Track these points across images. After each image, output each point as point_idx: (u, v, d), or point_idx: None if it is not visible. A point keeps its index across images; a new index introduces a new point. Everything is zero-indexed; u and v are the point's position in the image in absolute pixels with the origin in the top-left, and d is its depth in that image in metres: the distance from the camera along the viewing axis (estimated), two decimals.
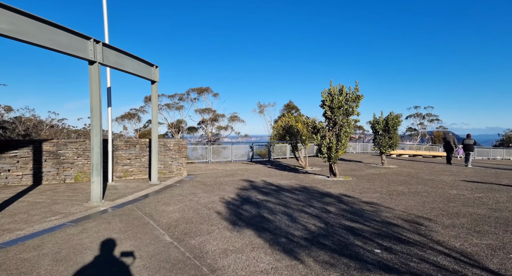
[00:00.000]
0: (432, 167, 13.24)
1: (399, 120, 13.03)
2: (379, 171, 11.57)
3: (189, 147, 14.81)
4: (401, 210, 5.44)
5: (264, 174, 10.63)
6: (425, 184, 8.26)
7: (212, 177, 9.78)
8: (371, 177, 9.81)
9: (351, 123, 9.06)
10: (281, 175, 10.24)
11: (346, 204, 5.90)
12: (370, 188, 7.71)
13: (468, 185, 8.13)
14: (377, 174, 10.50)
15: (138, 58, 7.65)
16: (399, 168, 12.48)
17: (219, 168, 12.63)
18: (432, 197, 6.51)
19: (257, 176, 10.13)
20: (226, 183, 8.64)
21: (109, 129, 8.30)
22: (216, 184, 8.48)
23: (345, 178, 9.36)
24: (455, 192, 7.09)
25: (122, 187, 7.90)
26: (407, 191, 7.28)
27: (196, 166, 13.28)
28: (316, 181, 8.96)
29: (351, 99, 9.01)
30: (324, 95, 9.13)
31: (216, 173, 10.82)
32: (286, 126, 12.54)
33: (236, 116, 39.89)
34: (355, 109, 8.94)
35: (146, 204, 6.05)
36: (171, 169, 9.86)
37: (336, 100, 8.86)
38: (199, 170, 11.74)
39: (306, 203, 6.07)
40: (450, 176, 10.15)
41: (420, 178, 9.61)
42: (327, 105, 9.02)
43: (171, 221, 4.83)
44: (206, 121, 38.95)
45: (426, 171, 11.65)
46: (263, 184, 8.36)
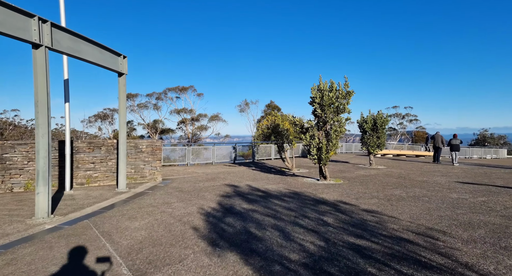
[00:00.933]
0: (420, 167, 12.95)
1: (387, 120, 12.62)
2: (368, 172, 11.04)
3: (167, 148, 13.64)
4: (407, 219, 4.75)
5: (248, 177, 9.75)
6: (421, 187, 7.73)
7: (191, 182, 8.77)
8: (362, 179, 9.20)
9: (342, 121, 8.39)
10: (267, 178, 9.40)
11: (344, 213, 5.15)
12: (365, 192, 7.04)
13: (465, 187, 7.68)
14: (368, 176, 9.93)
15: (101, 46, 6.52)
16: (388, 169, 12.04)
17: (199, 171, 11.60)
18: (435, 203, 5.91)
19: (241, 179, 9.23)
20: (206, 189, 7.67)
21: (66, 129, 7.08)
22: (194, 190, 7.50)
23: (336, 181, 8.68)
24: (455, 195, 6.56)
25: (82, 196, 6.72)
26: (406, 195, 6.68)
27: (173, 169, 12.16)
28: (306, 184, 8.20)
29: (342, 96, 8.34)
30: (313, 91, 8.40)
31: (195, 177, 9.80)
32: (272, 126, 11.73)
33: (217, 116, 38.73)
34: (346, 106, 8.28)
35: (107, 218, 4.98)
36: (143, 174, 8.74)
37: (326, 97, 8.15)
38: (176, 174, 10.65)
39: (299, 212, 5.25)
40: (442, 176, 9.77)
41: (413, 179, 9.13)
42: (317, 102, 8.30)
43: (135, 242, 3.83)
44: (186, 121, 37.48)
45: (416, 171, 11.27)
46: (249, 190, 7.48)
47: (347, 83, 8.34)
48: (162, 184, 8.41)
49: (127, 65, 7.45)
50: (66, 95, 7.08)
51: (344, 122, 8.43)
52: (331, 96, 8.15)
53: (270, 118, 11.75)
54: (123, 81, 7.37)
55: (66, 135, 6.99)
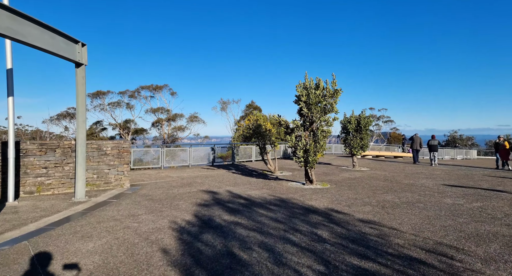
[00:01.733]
0: (403, 168, 12.84)
1: (370, 120, 12.37)
2: (353, 174, 10.66)
3: (138, 150, 12.47)
4: (410, 232, 4.22)
5: (228, 181, 8.96)
6: (411, 191, 7.37)
7: (164, 188, 7.82)
8: (349, 182, 8.74)
9: (329, 121, 7.87)
10: (249, 183, 8.66)
11: (339, 225, 4.53)
12: (356, 198, 6.52)
13: (455, 191, 7.43)
14: (354, 179, 9.51)
15: (53, 29, 5.46)
16: (372, 171, 11.77)
17: (174, 174, 10.62)
18: (432, 210, 5.49)
19: (220, 184, 8.42)
20: (181, 196, 6.78)
21: (9, 127, 5.88)
22: (167, 198, 6.59)
23: (323, 185, 8.13)
24: (449, 201, 6.21)
25: (28, 208, 5.59)
26: (398, 200, 6.23)
27: (145, 173, 11.06)
28: (291, 189, 7.57)
29: (329, 94, 7.81)
30: (299, 89, 7.79)
31: (169, 182, 8.84)
32: (253, 126, 11.02)
33: (196, 116, 37.41)
34: (334, 106, 7.76)
35: (54, 238, 4.00)
36: (107, 179, 7.66)
37: (313, 95, 7.58)
38: (147, 179, 9.61)
39: (288, 225, 4.57)
40: (427, 179, 9.57)
41: (400, 182, 8.81)
42: (303, 101, 7.70)
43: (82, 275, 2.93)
44: (161, 121, 35.79)
45: (400, 173, 11.06)
46: (229, 197, 6.70)
47: (335, 81, 7.83)
48: (130, 191, 7.40)
49: (87, 55, 6.40)
50: (9, 87, 5.89)
51: (331, 122, 7.91)
52: (318, 94, 7.58)
53: (251, 118, 11.03)
54: (81, 73, 6.31)
55: (9, 135, 5.80)
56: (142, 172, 11.35)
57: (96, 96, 34.94)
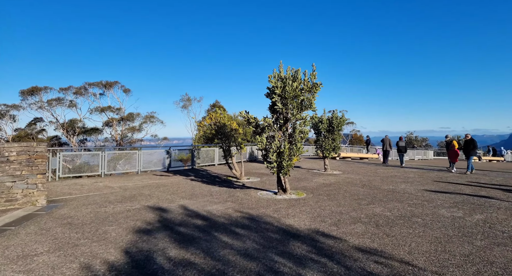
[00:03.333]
0: (375, 171, 12.27)
1: (343, 120, 11.57)
2: (327, 179, 9.66)
3: (69, 154, 10.11)
4: (430, 268, 3.08)
5: (184, 192, 7.29)
6: (398, 200, 6.45)
7: (95, 205, 5.92)
8: (326, 190, 7.64)
9: (307, 120, 6.67)
10: (210, 194, 7.10)
11: (334, 259, 3.24)
12: (341, 212, 5.35)
13: (442, 199, 6.68)
14: (330, 185, 8.47)
15: None
16: (346, 175, 10.93)
17: (116, 184, 8.61)
18: (436, 227, 4.50)
19: (173, 197, 6.73)
20: (116, 217, 5.01)
21: None
22: (94, 221, 4.77)
23: (298, 195, 6.89)
24: (446, 213, 5.33)
25: None
26: (390, 214, 5.19)
27: (77, 183, 8.84)
28: (262, 201, 6.19)
29: (307, 88, 6.62)
30: (273, 80, 6.47)
31: (106, 196, 6.90)
32: (216, 125, 9.47)
33: (152, 116, 34.42)
34: (313, 101, 6.58)
35: None
36: (10, 196, 5.55)
37: (289, 88, 6.30)
38: (78, 191, 7.51)
39: (264, 263, 3.16)
40: (405, 183, 8.89)
41: (379, 188, 7.95)
42: (277, 94, 6.39)
43: None
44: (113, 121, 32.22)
45: (375, 177, 10.35)
46: (183, 216, 5.09)
47: (314, 73, 6.66)
48: (44, 211, 5.40)
49: None
50: None
51: (308, 121, 6.72)
52: (295, 87, 6.33)
53: (214, 116, 9.47)
54: None
55: None
56: (74, 181, 9.10)
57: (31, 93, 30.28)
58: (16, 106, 30.01)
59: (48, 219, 4.95)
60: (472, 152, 12.11)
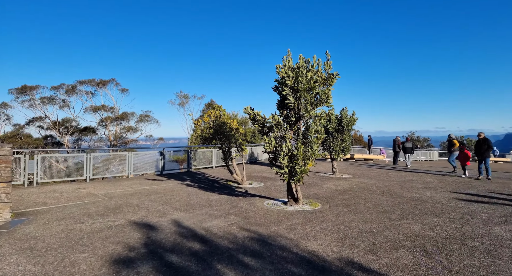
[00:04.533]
0: (386, 174, 11.33)
1: (354, 119, 10.61)
2: (339, 184, 8.69)
3: (53, 156, 8.98)
4: None
5: (179, 201, 6.26)
6: (432, 212, 5.49)
7: (70, 219, 4.87)
8: (343, 199, 6.66)
9: (323, 117, 5.68)
10: (209, 204, 6.07)
11: None
12: (371, 230, 4.37)
13: (486, 211, 5.74)
14: (344, 192, 7.50)
15: None
16: (357, 179, 9.97)
17: (101, 191, 7.54)
18: (506, 257, 3.53)
19: (165, 208, 5.70)
20: (91, 238, 3.96)
21: None
22: (63, 245, 3.73)
23: (312, 205, 5.90)
24: (504, 233, 4.36)
25: None
26: (435, 234, 4.22)
27: (56, 190, 7.75)
28: (271, 214, 5.18)
29: (321, 80, 5.63)
30: (283, 69, 5.46)
31: (85, 206, 5.84)
32: (215, 124, 8.45)
33: (147, 115, 33.26)
34: (330, 95, 5.60)
35: None
36: None
37: (303, 79, 5.31)
38: (54, 200, 6.44)
39: None
40: (427, 189, 7.95)
41: (402, 196, 7.00)
42: (289, 86, 5.38)
43: None
44: (106, 120, 30.99)
45: (390, 181, 9.40)
46: (176, 236, 4.07)
47: (329, 62, 5.67)
48: (6, 229, 4.35)
49: None
50: None
51: (324, 118, 5.73)
52: (310, 78, 5.34)
53: (213, 113, 8.44)
54: None
55: None
56: (54, 187, 8.00)
57: (22, 92, 29.00)
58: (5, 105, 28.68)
59: (6, 241, 3.90)
60: (487, 153, 11.18)
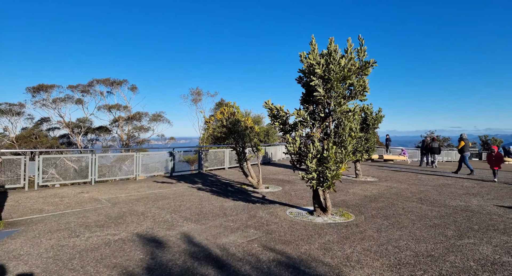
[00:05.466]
0: (415, 177, 10.30)
1: (380, 117, 9.65)
2: (367, 189, 7.77)
3: (56, 157, 8.44)
4: None
5: (190, 209, 5.52)
6: (495, 228, 4.55)
7: (65, 231, 4.19)
8: (376, 207, 5.77)
9: (356, 112, 4.82)
10: (223, 213, 5.31)
11: None
12: (428, 253, 3.49)
13: None
14: (374, 198, 6.59)
15: None
16: (384, 182, 9.01)
17: (105, 196, 6.90)
18: None
19: (174, 218, 4.97)
20: (83, 260, 3.25)
21: None
22: (47, 269, 3.03)
23: (344, 216, 5.03)
24: None
25: None
26: None
27: (57, 194, 7.16)
28: (298, 228, 4.37)
29: (354, 68, 4.76)
30: (311, 56, 4.62)
31: (86, 215, 5.18)
32: (229, 122, 7.70)
33: (160, 115, 33.02)
34: (367, 86, 4.73)
35: None
36: None
37: (335, 66, 4.46)
38: (52, 207, 5.80)
39: None
40: (471, 196, 6.95)
41: (446, 205, 6.04)
42: (319, 75, 4.54)
43: None
44: (119, 120, 30.88)
45: (424, 186, 8.41)
46: (186, 258, 3.31)
47: (364, 48, 4.79)
48: None
49: None
50: None
51: (358, 114, 4.87)
52: (344, 66, 4.48)
53: (226, 111, 7.69)
54: None
55: None
56: (55, 191, 7.43)
57: (38, 91, 29.21)
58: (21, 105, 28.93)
59: None
60: None
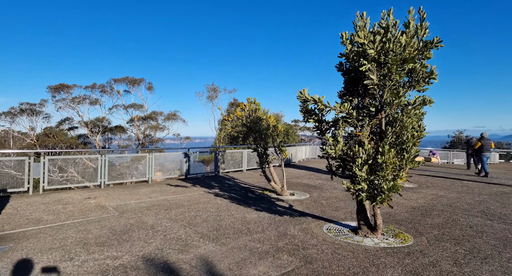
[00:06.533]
0: (462, 183, 9.02)
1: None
2: (412, 198, 6.65)
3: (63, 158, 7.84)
4: None
5: (207, 221, 4.66)
6: None
7: (59, 251, 3.42)
8: (434, 224, 4.69)
9: (418, 105, 3.79)
10: (247, 228, 4.41)
11: None
12: None
13: None
14: (425, 211, 5.50)
15: None
16: (428, 190, 7.82)
17: (113, 201, 6.18)
18: None
19: (189, 232, 4.12)
20: None
21: None
22: None
23: (398, 237, 4.01)
24: None
25: None
26: None
27: (62, 199, 6.50)
28: (344, 254, 3.40)
29: (413, 50, 3.72)
30: (361, 33, 3.62)
31: (87, 227, 4.42)
32: (249, 120, 6.81)
33: (174, 114, 32.69)
34: (434, 70, 3.69)
35: None
36: None
37: (395, 45, 3.45)
38: (53, 216, 5.10)
39: None
40: None
41: None
42: (371, 57, 3.54)
43: None
44: (135, 119, 30.81)
45: (478, 195, 7.18)
46: None
47: (425, 24, 3.74)
48: None
49: None
50: None
51: (419, 108, 3.84)
52: (405, 44, 3.46)
53: (247, 107, 6.80)
54: None
55: None
56: (60, 196, 6.79)
57: (58, 90, 29.60)
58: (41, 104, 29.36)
59: None
60: None
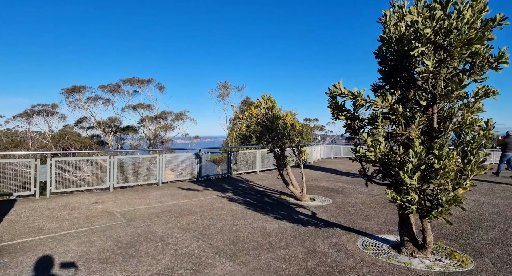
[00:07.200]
0: (500, 187, 8.18)
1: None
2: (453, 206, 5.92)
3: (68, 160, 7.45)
4: None
5: (222, 233, 4.11)
6: None
7: (54, 269, 2.94)
8: (491, 241, 4.00)
9: (479, 98, 3.12)
10: (269, 243, 3.82)
11: None
12: None
13: None
14: (472, 222, 4.78)
15: None
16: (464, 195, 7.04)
17: (121, 207, 5.71)
18: None
19: (203, 248, 3.56)
20: None
21: None
22: None
23: (454, 259, 3.35)
24: None
25: None
26: None
27: (68, 204, 6.07)
28: None
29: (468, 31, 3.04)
30: (413, 8, 2.98)
31: (90, 237, 3.93)
32: (265, 119, 6.23)
33: (183, 113, 32.41)
34: (505, 53, 3.00)
35: None
36: None
37: (459, 22, 2.79)
38: (56, 224, 4.65)
39: None
40: None
41: None
42: (426, 38, 2.89)
43: None
44: (145, 119, 30.73)
45: None
46: None
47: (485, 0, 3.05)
48: None
49: None
50: None
51: (479, 102, 3.17)
52: (472, 22, 2.80)
53: (263, 104, 6.21)
54: None
55: None
56: (67, 200, 6.38)
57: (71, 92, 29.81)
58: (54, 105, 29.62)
59: None
60: None
